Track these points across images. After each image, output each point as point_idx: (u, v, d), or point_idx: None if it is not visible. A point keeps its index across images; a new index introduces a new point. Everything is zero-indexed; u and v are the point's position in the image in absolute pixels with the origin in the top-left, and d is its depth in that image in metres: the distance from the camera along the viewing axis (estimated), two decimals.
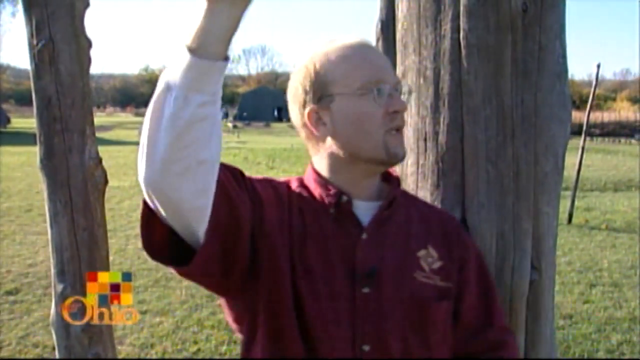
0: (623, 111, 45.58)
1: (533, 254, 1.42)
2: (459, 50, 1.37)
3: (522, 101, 1.37)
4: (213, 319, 4.80)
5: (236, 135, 31.92)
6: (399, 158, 1.18)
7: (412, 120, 1.47)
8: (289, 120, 1.25)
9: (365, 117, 1.13)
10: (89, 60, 1.77)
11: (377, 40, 3.90)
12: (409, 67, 1.47)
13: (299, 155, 18.65)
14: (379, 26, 3.83)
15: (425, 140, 1.44)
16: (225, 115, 57.84)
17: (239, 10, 0.86)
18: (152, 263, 6.38)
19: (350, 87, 1.13)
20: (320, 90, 1.14)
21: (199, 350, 4.23)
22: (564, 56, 1.42)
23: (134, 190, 11.20)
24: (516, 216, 1.39)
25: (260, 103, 57.52)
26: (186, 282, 5.78)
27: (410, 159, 1.48)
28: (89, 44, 1.79)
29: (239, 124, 46.09)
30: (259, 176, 1.19)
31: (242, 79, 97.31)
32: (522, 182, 1.39)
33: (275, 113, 56.99)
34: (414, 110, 1.46)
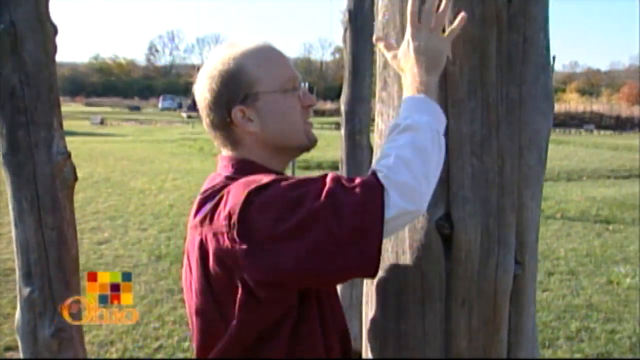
0: (572, 102, 46.88)
1: (517, 248, 1.40)
2: None
3: (507, 93, 1.35)
4: (174, 314, 4.71)
5: (190, 126, 31.50)
6: (316, 142, 1.35)
7: (395, 113, 1.42)
8: None
9: (290, 111, 1.28)
10: (55, 47, 1.64)
11: (345, 30, 3.88)
12: None
13: None
14: (347, 15, 3.82)
15: None
16: (179, 106, 57.09)
17: None
18: (108, 257, 6.23)
19: (273, 85, 1.26)
20: (245, 90, 1.25)
21: (160, 346, 4.15)
22: (547, 48, 1.40)
23: (87, 182, 10.93)
24: (501, 210, 1.37)
25: None
26: (145, 277, 5.67)
27: None
28: (54, 30, 1.65)
29: (194, 115, 45.36)
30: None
31: (197, 68, 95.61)
32: (506, 175, 1.37)
33: None
34: (397, 103, 1.42)
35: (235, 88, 1.25)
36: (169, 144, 20.74)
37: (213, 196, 1.19)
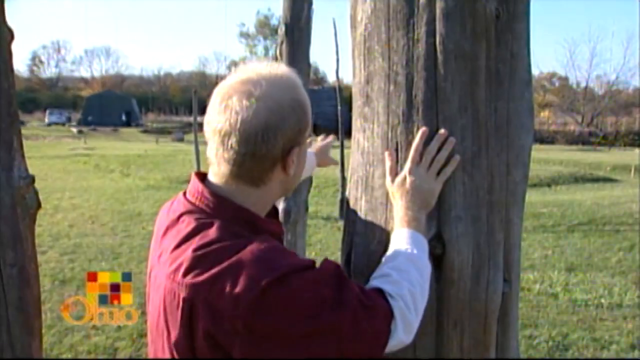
0: None
1: (504, 266, 1.38)
2: (434, 56, 1.30)
3: (496, 110, 1.33)
4: (88, 342, 4.41)
5: (83, 141, 30.08)
6: None
7: (381, 130, 1.37)
8: (138, 125, 1.16)
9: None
10: (11, 55, 1.40)
11: (281, 43, 3.81)
12: (375, 72, 1.38)
13: (155, 162, 17.94)
14: (284, 29, 3.75)
15: (397, 150, 1.35)
16: (68, 120, 54.41)
17: None
18: None
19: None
20: (302, 133, 1.19)
21: None
22: (529, 64, 1.40)
23: None
24: (490, 228, 1.35)
25: (107, 107, 54.72)
26: (50, 304, 5.26)
27: (378, 171, 1.39)
28: (11, 35, 1.41)
29: (84, 129, 43.42)
30: None
31: (85, 81, 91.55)
32: (495, 193, 1.35)
33: (124, 117, 54.62)
34: (383, 119, 1.37)
35: (302, 127, 1.17)
36: (61, 160, 19.60)
37: (201, 248, 1.07)
